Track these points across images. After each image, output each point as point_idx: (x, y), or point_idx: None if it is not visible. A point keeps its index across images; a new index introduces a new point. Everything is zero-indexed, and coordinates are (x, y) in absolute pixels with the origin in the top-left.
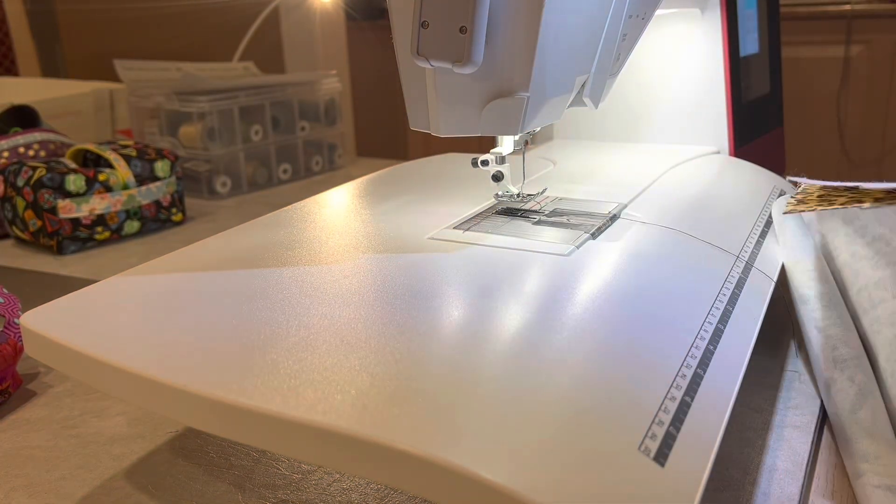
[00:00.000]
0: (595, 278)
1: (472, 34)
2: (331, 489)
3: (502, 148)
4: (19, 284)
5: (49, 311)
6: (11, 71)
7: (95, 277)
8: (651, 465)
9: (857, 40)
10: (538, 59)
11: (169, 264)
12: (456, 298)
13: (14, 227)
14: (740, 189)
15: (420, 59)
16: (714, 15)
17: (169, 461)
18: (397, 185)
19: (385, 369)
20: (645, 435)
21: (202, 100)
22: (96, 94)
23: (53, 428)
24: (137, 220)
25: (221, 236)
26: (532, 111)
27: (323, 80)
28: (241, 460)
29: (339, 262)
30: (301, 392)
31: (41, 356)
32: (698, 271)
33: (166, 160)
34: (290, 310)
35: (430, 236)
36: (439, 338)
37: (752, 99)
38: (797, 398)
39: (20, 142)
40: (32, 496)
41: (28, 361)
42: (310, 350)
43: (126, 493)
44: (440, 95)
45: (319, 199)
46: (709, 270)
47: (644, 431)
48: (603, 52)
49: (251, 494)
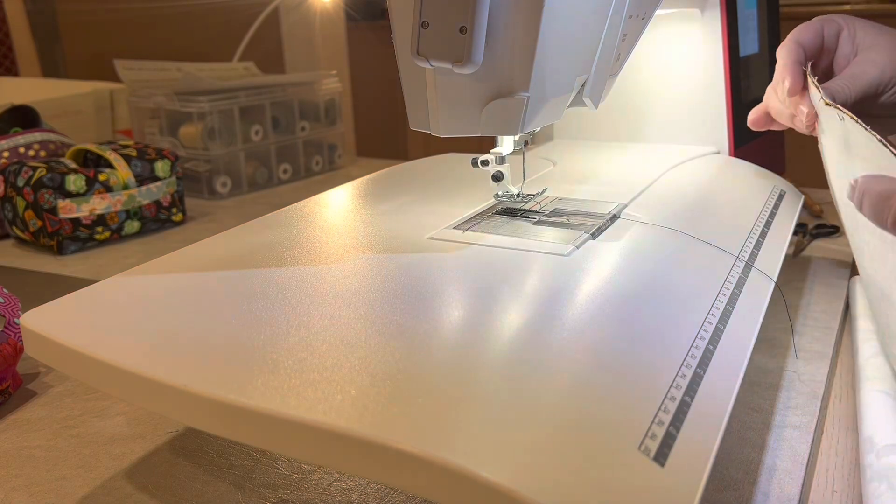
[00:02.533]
0: (595, 278)
1: (472, 34)
2: (331, 489)
3: (502, 148)
4: (19, 284)
5: (49, 311)
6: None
7: (95, 277)
8: (651, 465)
9: None
10: (538, 59)
11: (169, 264)
12: (456, 298)
13: (14, 227)
14: (740, 189)
15: (420, 60)
16: (714, 15)
17: (169, 461)
18: (397, 185)
19: (385, 369)
20: (645, 435)
21: (202, 100)
22: (96, 94)
23: (53, 428)
24: (137, 220)
25: (221, 236)
26: (532, 111)
27: (323, 80)
28: (241, 460)
29: (339, 262)
30: (301, 392)
31: (41, 356)
32: (698, 271)
33: (166, 160)
34: (290, 310)
35: (430, 236)
36: (439, 338)
37: (752, 99)
38: (797, 398)
39: (20, 142)
40: (32, 496)
41: (28, 361)
42: (310, 350)
43: (126, 493)
44: (440, 95)
45: (319, 199)
46: (709, 270)
47: (644, 431)
48: (603, 52)
49: (251, 494)
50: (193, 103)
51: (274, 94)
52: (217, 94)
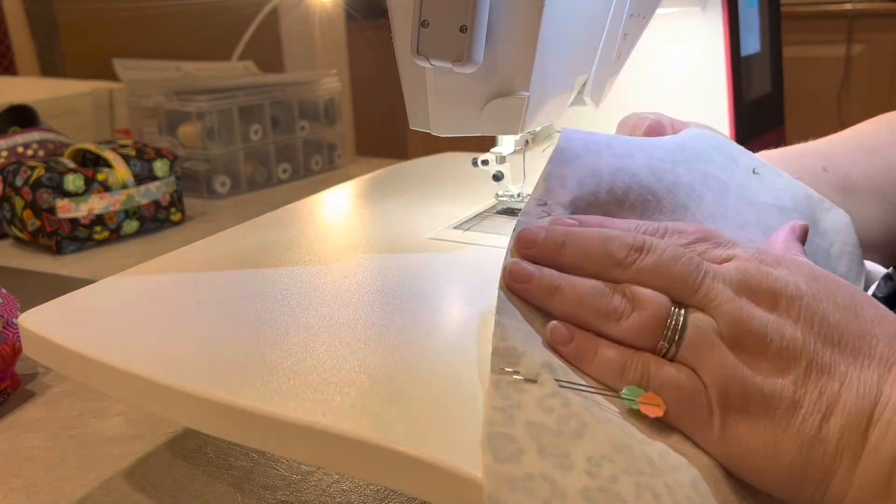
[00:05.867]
0: None
1: (472, 33)
2: (330, 490)
3: (502, 148)
4: (18, 284)
5: (48, 312)
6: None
7: (94, 277)
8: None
9: (859, 40)
10: (538, 58)
11: (168, 264)
12: (456, 298)
13: (13, 226)
14: None
15: (420, 59)
16: (715, 14)
17: (168, 462)
18: (397, 185)
19: (384, 370)
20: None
21: (201, 99)
22: (95, 93)
23: (52, 428)
24: (136, 219)
25: (221, 236)
26: (532, 111)
27: (322, 79)
28: (241, 461)
29: (338, 262)
30: (300, 393)
31: (40, 356)
32: None
33: (165, 160)
34: (289, 310)
35: (430, 236)
36: (439, 339)
37: (753, 98)
38: None
39: (19, 141)
40: (31, 497)
41: (27, 362)
42: (309, 351)
43: (125, 493)
44: (440, 95)
45: (319, 198)
46: None
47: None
48: (603, 51)
49: (250, 495)
50: (192, 103)
51: (273, 93)
52: (216, 94)
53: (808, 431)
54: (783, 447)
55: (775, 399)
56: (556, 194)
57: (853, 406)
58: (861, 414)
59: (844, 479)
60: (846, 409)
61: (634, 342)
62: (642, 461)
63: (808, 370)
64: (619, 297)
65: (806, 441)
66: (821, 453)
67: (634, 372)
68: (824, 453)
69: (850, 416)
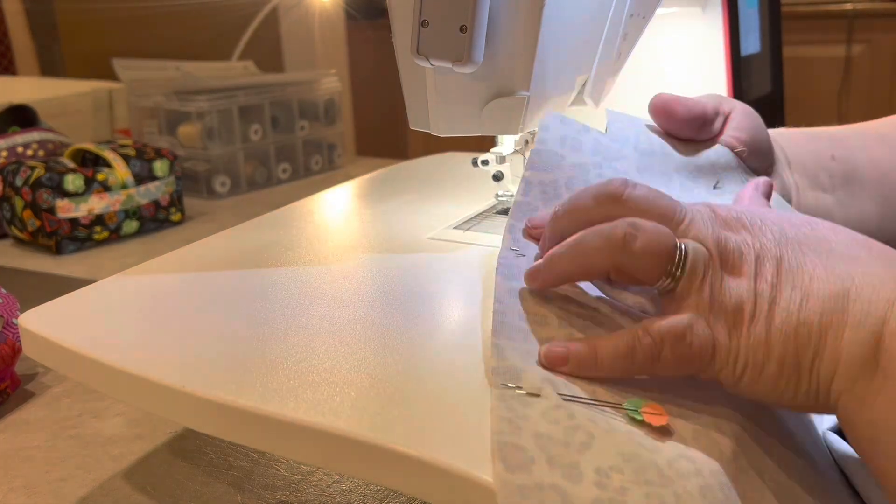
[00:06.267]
0: None
1: (472, 33)
2: (330, 490)
3: (502, 148)
4: (18, 284)
5: (47, 312)
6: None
7: (94, 277)
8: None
9: (859, 39)
10: (539, 58)
11: (168, 264)
12: (456, 298)
13: (12, 226)
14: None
15: (420, 59)
16: (715, 14)
17: (168, 462)
18: (397, 185)
19: (384, 370)
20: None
21: (201, 99)
22: (95, 93)
23: (52, 428)
24: (136, 219)
25: (220, 236)
26: (532, 111)
27: (322, 79)
28: (240, 461)
29: (338, 262)
30: (300, 393)
31: (39, 356)
32: None
33: (165, 160)
34: (289, 310)
35: (430, 236)
36: (439, 339)
37: (753, 98)
38: None
39: (18, 141)
40: (31, 497)
41: (26, 362)
42: (309, 351)
43: (125, 493)
44: (440, 95)
45: (319, 198)
46: None
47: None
48: (604, 51)
49: (250, 495)
50: (192, 103)
51: (273, 93)
52: (216, 94)
53: (790, 320)
54: (772, 343)
55: (760, 301)
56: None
57: (826, 290)
58: (837, 295)
59: (832, 355)
60: (820, 293)
61: (648, 264)
62: (651, 470)
63: (779, 270)
64: (623, 224)
65: (791, 330)
66: (806, 334)
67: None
68: (809, 333)
69: (827, 299)
